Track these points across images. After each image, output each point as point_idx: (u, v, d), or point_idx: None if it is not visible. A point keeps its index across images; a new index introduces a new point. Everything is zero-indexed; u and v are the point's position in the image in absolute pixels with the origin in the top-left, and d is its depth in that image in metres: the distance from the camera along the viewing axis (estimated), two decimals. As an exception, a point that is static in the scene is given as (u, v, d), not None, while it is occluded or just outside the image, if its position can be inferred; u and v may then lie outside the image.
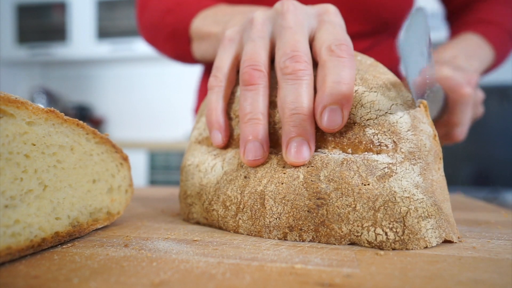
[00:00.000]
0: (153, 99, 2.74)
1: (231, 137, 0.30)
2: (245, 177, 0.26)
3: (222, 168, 0.29)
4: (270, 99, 0.28)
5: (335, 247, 0.22)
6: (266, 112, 0.27)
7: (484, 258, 0.20)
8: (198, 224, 0.30)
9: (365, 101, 0.25)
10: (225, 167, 0.28)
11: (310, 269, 0.18)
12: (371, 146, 0.24)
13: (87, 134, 0.26)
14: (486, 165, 1.83)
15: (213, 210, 0.28)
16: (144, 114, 2.76)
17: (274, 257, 0.20)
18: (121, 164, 0.29)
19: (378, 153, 0.24)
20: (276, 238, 0.25)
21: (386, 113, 0.24)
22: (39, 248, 0.21)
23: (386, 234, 0.22)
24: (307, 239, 0.24)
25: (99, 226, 0.27)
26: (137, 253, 0.21)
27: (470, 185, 1.84)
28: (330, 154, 0.25)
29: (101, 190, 0.27)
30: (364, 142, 0.24)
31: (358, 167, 0.23)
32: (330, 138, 0.25)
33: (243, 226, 0.26)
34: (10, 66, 2.84)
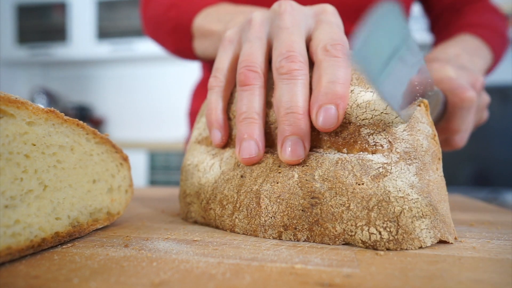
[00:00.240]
0: (153, 99, 2.74)
1: (230, 137, 0.30)
2: (241, 176, 0.27)
3: (220, 167, 0.29)
4: (267, 99, 0.28)
5: (335, 247, 0.22)
6: (262, 111, 0.27)
7: (484, 258, 0.20)
8: (196, 223, 0.30)
9: (360, 100, 0.25)
10: (222, 167, 0.28)
11: (310, 269, 0.18)
12: (366, 146, 0.24)
13: (87, 134, 0.26)
14: (486, 165, 1.83)
15: (210, 209, 0.28)
16: (144, 114, 2.76)
17: (274, 257, 0.20)
18: (121, 164, 0.29)
19: (373, 153, 0.24)
20: (271, 238, 0.25)
21: (382, 113, 0.24)
22: (39, 248, 0.21)
23: (380, 233, 0.22)
24: (302, 239, 0.24)
25: (99, 226, 0.27)
26: (137, 253, 0.21)
27: (470, 185, 1.84)
28: (325, 153, 0.25)
29: (101, 190, 0.27)
30: (359, 142, 0.24)
31: (352, 167, 0.23)
32: (325, 137, 0.25)
33: (239, 225, 0.26)
34: (10, 66, 2.84)
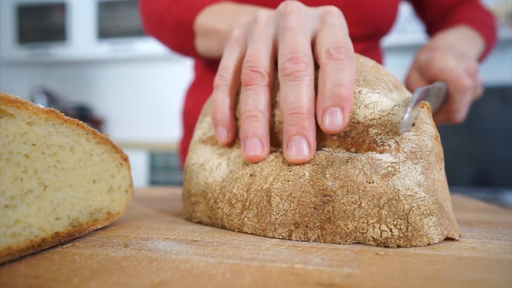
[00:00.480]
0: (153, 100, 2.74)
1: (237, 136, 0.30)
2: (251, 175, 0.27)
3: (228, 166, 0.29)
4: (275, 100, 0.29)
5: (335, 247, 0.23)
6: (266, 110, 0.27)
7: (484, 258, 0.20)
8: (200, 223, 0.30)
9: (368, 101, 0.25)
10: (230, 166, 0.29)
11: (310, 269, 0.18)
12: (375, 145, 0.25)
13: (87, 134, 0.26)
14: (486, 165, 1.83)
15: (218, 208, 0.28)
16: (144, 114, 2.76)
17: (274, 257, 0.20)
18: (121, 164, 0.29)
19: (381, 152, 0.24)
20: (280, 237, 0.25)
21: (389, 113, 0.25)
22: (39, 248, 0.21)
23: (391, 230, 0.23)
24: (312, 238, 0.24)
25: (99, 226, 0.27)
26: (137, 253, 0.21)
27: (470, 185, 1.84)
28: (335, 152, 0.25)
29: (101, 190, 0.27)
30: (367, 142, 0.25)
31: (362, 166, 0.24)
32: (334, 137, 0.26)
33: (248, 224, 0.26)
34: (10, 66, 2.84)
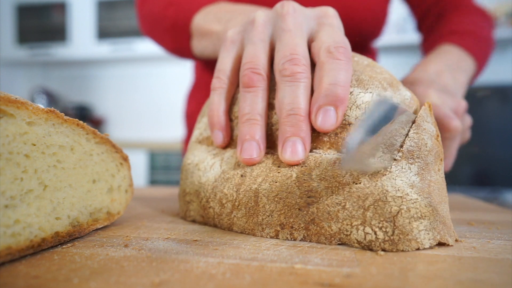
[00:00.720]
0: (153, 99, 2.74)
1: (231, 137, 0.30)
2: (241, 175, 0.27)
3: (220, 167, 0.29)
4: (268, 101, 0.28)
5: (335, 247, 0.22)
6: (264, 113, 0.28)
7: (484, 258, 0.20)
8: (195, 222, 0.31)
9: (360, 102, 0.25)
10: (223, 166, 0.29)
11: (310, 269, 0.18)
12: None
13: (87, 134, 0.26)
14: (486, 165, 1.83)
15: (209, 207, 0.28)
16: (144, 114, 2.76)
17: (274, 257, 0.20)
18: (121, 164, 0.29)
19: None
20: (268, 236, 0.25)
21: None
22: (39, 248, 0.21)
23: (375, 233, 0.22)
24: (298, 238, 0.24)
25: (99, 226, 0.27)
26: (137, 253, 0.21)
27: (470, 185, 1.84)
28: (325, 154, 0.25)
29: (101, 190, 0.27)
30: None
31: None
32: (325, 138, 0.26)
33: (237, 224, 0.26)
34: (10, 66, 2.84)
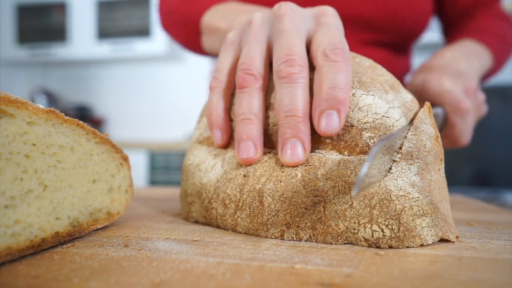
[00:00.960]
0: (153, 100, 2.74)
1: (231, 137, 0.30)
2: (244, 175, 0.27)
3: (222, 167, 0.29)
4: (269, 102, 0.28)
5: (335, 247, 0.23)
6: (260, 112, 0.27)
7: (484, 258, 0.20)
8: (197, 223, 0.30)
9: (362, 104, 0.25)
10: (225, 167, 0.29)
11: (310, 269, 0.18)
12: (367, 149, 0.25)
13: (87, 134, 0.26)
14: (486, 165, 1.83)
15: (212, 208, 0.28)
16: (144, 114, 2.76)
17: (274, 257, 0.20)
18: (121, 164, 0.29)
19: None
20: (273, 237, 0.25)
21: (383, 116, 0.25)
22: (39, 248, 0.21)
23: (383, 230, 0.23)
24: (304, 238, 0.24)
25: (99, 226, 0.27)
26: (137, 253, 0.21)
27: (470, 185, 1.84)
28: (328, 154, 0.25)
29: (101, 190, 0.27)
30: (360, 145, 0.25)
31: (355, 167, 0.24)
32: (327, 140, 0.26)
33: (242, 224, 0.26)
34: (10, 66, 2.84)
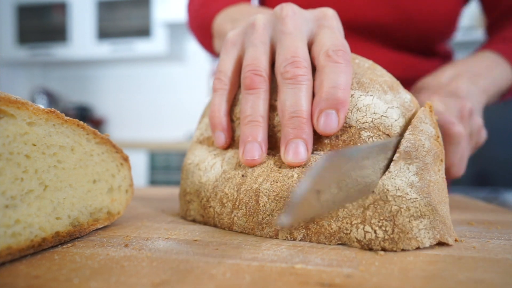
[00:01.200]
0: (153, 100, 2.74)
1: (232, 138, 0.30)
2: (242, 175, 0.27)
3: (221, 167, 0.29)
4: (270, 103, 0.29)
5: (335, 247, 0.23)
6: (266, 115, 0.28)
7: (484, 258, 0.20)
8: (194, 221, 0.31)
9: (361, 105, 0.25)
10: (224, 166, 0.29)
11: (310, 269, 0.18)
12: None
13: (88, 134, 0.26)
14: (486, 165, 1.83)
15: (210, 207, 0.28)
16: (144, 114, 2.76)
17: (274, 257, 0.20)
18: (121, 164, 0.29)
19: None
20: (268, 236, 0.25)
21: (382, 116, 0.25)
22: (40, 248, 0.21)
23: (375, 232, 0.22)
24: (298, 237, 0.24)
25: (100, 226, 0.27)
26: (137, 253, 0.21)
27: (470, 185, 1.84)
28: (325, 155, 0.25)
29: (101, 190, 0.27)
30: (358, 145, 0.25)
31: None
32: (326, 141, 0.26)
33: (238, 223, 0.26)
34: (10, 66, 2.84)
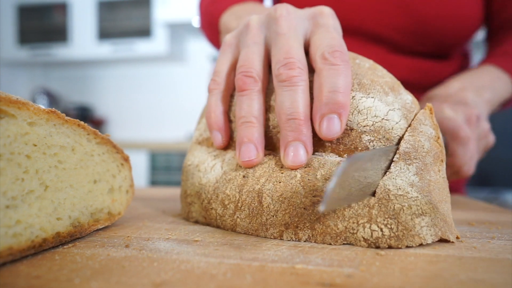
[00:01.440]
0: (154, 100, 2.74)
1: (231, 138, 0.30)
2: (243, 176, 0.27)
3: (222, 168, 0.29)
4: (269, 104, 0.29)
5: (336, 247, 0.23)
6: (261, 115, 0.27)
7: (484, 258, 0.20)
8: (197, 223, 0.31)
9: (362, 107, 0.25)
10: (224, 167, 0.29)
11: (311, 269, 0.18)
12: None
13: (88, 134, 0.26)
14: (487, 165, 1.83)
15: (211, 209, 0.28)
16: (145, 114, 2.76)
17: (275, 257, 0.20)
18: (122, 164, 0.30)
19: None
20: (272, 237, 0.25)
21: (383, 119, 0.25)
22: (40, 248, 0.21)
23: (382, 230, 0.22)
24: (303, 238, 0.24)
25: (100, 226, 0.27)
26: (138, 253, 0.21)
27: (470, 185, 1.83)
28: (327, 156, 0.25)
29: (102, 190, 0.28)
30: (359, 148, 0.25)
31: None
32: (327, 143, 0.26)
33: (241, 225, 0.26)
34: (11, 66, 2.84)
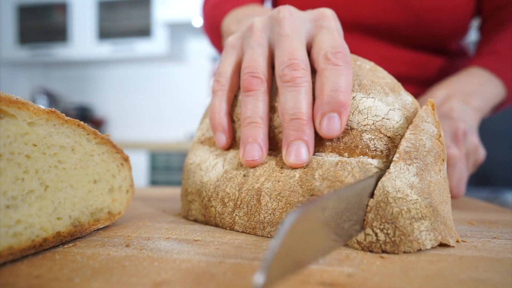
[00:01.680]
0: (154, 100, 2.74)
1: (234, 139, 0.31)
2: (244, 175, 0.27)
3: (223, 167, 0.29)
4: (271, 104, 0.29)
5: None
6: (266, 116, 0.28)
7: (485, 257, 0.20)
8: (196, 221, 0.31)
9: (362, 107, 0.25)
10: (225, 166, 0.29)
11: (311, 268, 0.18)
12: (367, 150, 0.25)
13: (88, 134, 0.26)
14: (487, 165, 1.82)
15: (211, 206, 0.28)
16: (144, 114, 2.76)
17: (275, 256, 0.20)
18: (122, 164, 0.30)
19: (373, 157, 0.24)
20: (269, 235, 0.25)
21: (383, 118, 0.25)
22: (41, 248, 0.21)
23: (376, 235, 0.22)
24: None
25: (101, 226, 0.27)
26: (138, 253, 0.21)
27: (470, 185, 1.83)
28: (327, 157, 0.25)
29: (102, 190, 0.28)
30: (360, 147, 0.25)
31: (352, 168, 0.24)
32: (327, 143, 0.26)
33: (239, 222, 0.26)
34: (11, 66, 2.84)
